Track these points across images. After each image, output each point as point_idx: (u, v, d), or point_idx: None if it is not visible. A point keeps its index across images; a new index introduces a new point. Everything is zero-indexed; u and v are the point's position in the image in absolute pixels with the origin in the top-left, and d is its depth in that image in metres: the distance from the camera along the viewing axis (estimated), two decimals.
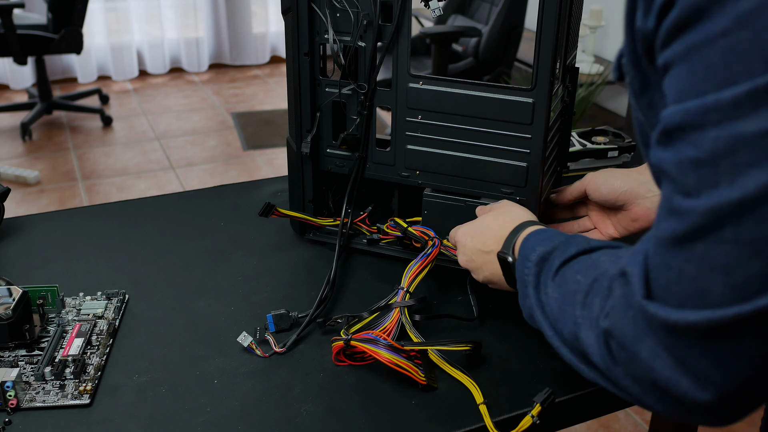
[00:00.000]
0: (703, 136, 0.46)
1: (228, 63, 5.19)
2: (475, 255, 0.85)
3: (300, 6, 0.94)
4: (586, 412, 0.84)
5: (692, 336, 0.49)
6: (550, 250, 0.71)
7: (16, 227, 1.11)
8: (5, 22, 3.55)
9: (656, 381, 0.53)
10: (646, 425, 2.02)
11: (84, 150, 3.77)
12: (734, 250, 0.46)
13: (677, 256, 0.49)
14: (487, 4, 3.50)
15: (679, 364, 0.51)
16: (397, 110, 0.97)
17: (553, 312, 0.67)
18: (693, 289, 0.48)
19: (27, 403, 0.76)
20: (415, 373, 0.77)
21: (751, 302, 0.46)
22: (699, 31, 0.46)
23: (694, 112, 0.47)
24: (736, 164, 0.45)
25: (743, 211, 0.45)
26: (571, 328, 0.63)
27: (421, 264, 0.90)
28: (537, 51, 0.86)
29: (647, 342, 0.52)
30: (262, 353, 0.84)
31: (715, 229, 0.47)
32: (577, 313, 0.62)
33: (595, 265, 0.63)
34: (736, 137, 0.45)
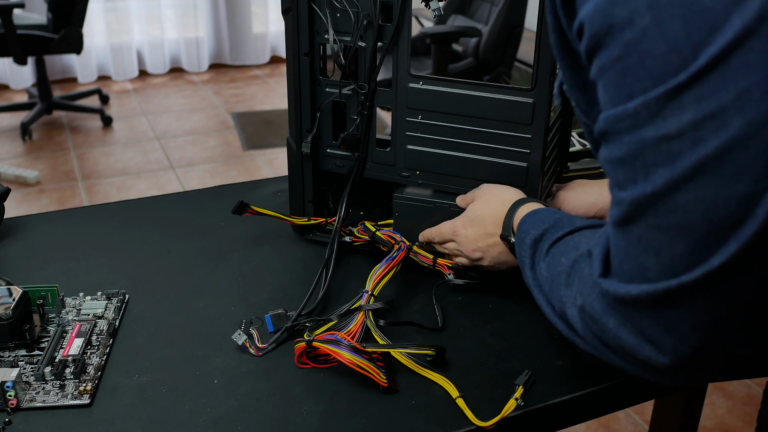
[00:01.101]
0: (620, 140, 0.55)
1: (228, 63, 5.19)
2: (480, 241, 0.89)
3: (300, 6, 0.94)
4: (586, 412, 0.84)
5: (640, 307, 0.58)
6: (541, 232, 0.76)
7: (16, 227, 1.11)
8: (5, 22, 3.55)
9: (624, 347, 0.61)
10: (646, 425, 2.02)
11: (84, 150, 3.77)
12: (658, 235, 0.55)
13: (622, 239, 0.58)
14: (487, 4, 3.50)
15: (639, 333, 0.59)
16: (397, 110, 0.97)
17: (546, 290, 0.72)
18: (636, 266, 0.57)
19: (27, 403, 0.76)
20: (376, 374, 0.77)
21: (679, 278, 0.54)
22: (602, 57, 0.55)
23: (611, 120, 0.55)
24: (646, 163, 0.53)
25: (657, 202, 0.54)
26: (560, 306, 0.69)
27: (386, 267, 0.90)
28: (537, 51, 0.86)
29: (613, 315, 0.60)
30: (256, 352, 0.84)
31: (641, 217, 0.55)
32: (563, 292, 0.68)
33: (576, 247, 0.70)
34: (641, 141, 0.53)
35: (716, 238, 0.52)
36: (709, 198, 0.51)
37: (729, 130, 0.49)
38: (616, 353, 0.63)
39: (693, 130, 0.50)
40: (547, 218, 0.78)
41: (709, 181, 0.51)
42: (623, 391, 0.84)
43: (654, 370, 0.60)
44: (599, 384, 0.81)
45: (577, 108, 0.68)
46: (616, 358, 0.63)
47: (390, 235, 0.97)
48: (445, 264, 0.96)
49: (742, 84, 0.48)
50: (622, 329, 0.60)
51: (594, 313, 0.62)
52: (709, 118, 0.50)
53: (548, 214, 0.79)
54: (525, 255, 0.78)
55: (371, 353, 0.79)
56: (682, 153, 0.51)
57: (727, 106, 0.49)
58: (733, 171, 0.50)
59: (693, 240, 0.53)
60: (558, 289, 0.69)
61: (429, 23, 3.85)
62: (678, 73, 0.50)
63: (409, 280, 0.99)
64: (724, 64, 0.49)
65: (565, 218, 0.76)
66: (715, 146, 0.50)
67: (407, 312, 0.93)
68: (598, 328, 0.62)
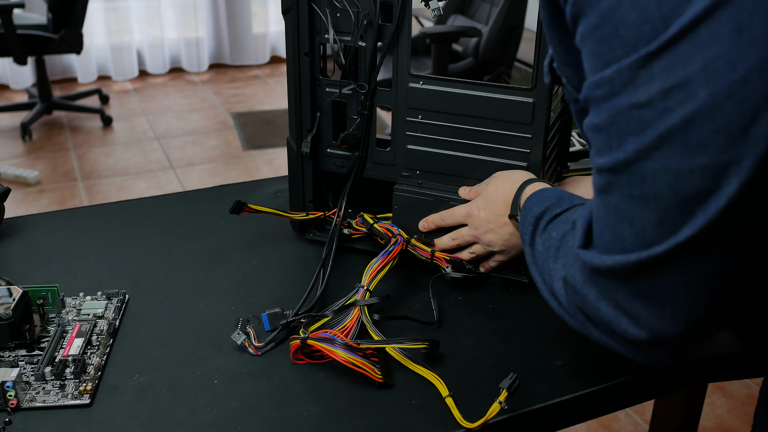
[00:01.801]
0: (598, 107, 0.56)
1: (228, 63, 5.19)
2: (492, 222, 0.91)
3: (300, 6, 0.94)
4: (586, 412, 0.84)
5: (616, 278, 0.58)
6: (543, 210, 0.77)
7: (16, 227, 1.11)
8: (5, 22, 3.55)
9: (603, 320, 0.61)
10: (646, 425, 2.02)
11: (84, 150, 3.77)
12: (631, 204, 0.55)
13: (602, 208, 0.58)
14: (487, 4, 3.50)
15: (616, 305, 0.59)
16: (397, 110, 0.97)
17: (540, 265, 0.73)
18: (613, 236, 0.57)
19: (27, 403, 0.76)
20: (371, 371, 0.77)
21: (651, 249, 0.55)
22: (583, 25, 0.56)
23: (591, 87, 0.56)
24: (620, 131, 0.54)
25: (629, 170, 0.54)
26: (549, 280, 0.70)
27: (382, 261, 0.90)
28: (537, 51, 0.86)
29: (592, 287, 0.61)
30: (255, 351, 0.84)
31: (616, 185, 0.56)
32: (551, 266, 0.70)
33: (567, 221, 0.71)
34: (616, 109, 0.54)
35: (684, 210, 0.53)
36: (675, 168, 0.52)
37: (695, 100, 0.50)
38: (598, 327, 0.63)
39: (661, 99, 0.51)
40: (551, 196, 0.79)
41: (675, 150, 0.52)
42: (623, 391, 0.84)
43: (632, 345, 0.61)
44: (599, 384, 0.81)
45: (567, 84, 0.68)
46: (597, 332, 0.64)
47: (388, 228, 0.97)
48: (443, 257, 0.96)
49: (709, 55, 0.49)
50: (602, 301, 0.60)
51: (575, 284, 0.63)
52: (677, 87, 0.50)
53: (552, 193, 0.80)
54: (526, 232, 0.79)
55: (365, 350, 0.79)
56: (651, 121, 0.52)
57: (694, 77, 0.50)
58: (698, 142, 0.50)
59: (662, 210, 0.54)
60: (548, 263, 0.70)
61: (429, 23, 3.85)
62: (649, 43, 0.51)
63: (407, 275, 0.99)
64: (692, 35, 0.49)
65: (566, 196, 0.78)
66: (681, 116, 0.51)
67: (404, 307, 0.93)
68: (579, 299, 0.63)
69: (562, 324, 0.90)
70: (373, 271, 0.89)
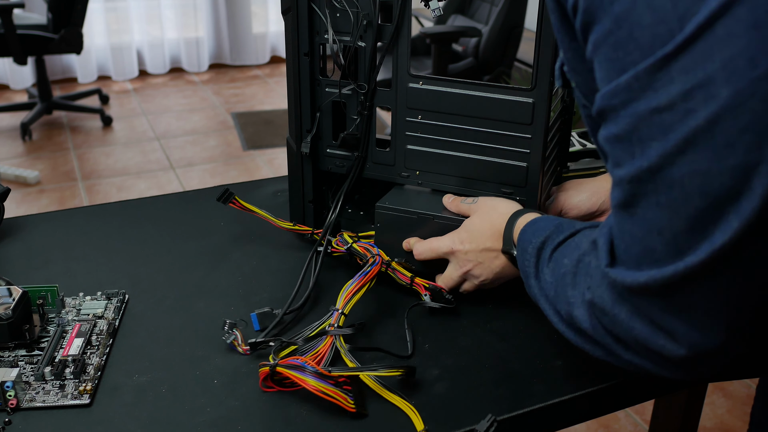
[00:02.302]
0: (616, 116, 0.55)
1: (228, 63, 5.19)
2: (480, 256, 0.87)
3: (300, 6, 0.94)
4: (586, 412, 0.84)
5: (650, 294, 0.56)
6: (543, 239, 0.75)
7: (16, 227, 1.11)
8: (5, 22, 3.55)
9: (637, 339, 0.59)
10: (646, 425, 2.02)
11: (84, 150, 3.77)
12: (659, 213, 0.54)
13: (627, 222, 0.57)
14: (487, 4, 3.50)
15: (651, 322, 0.57)
16: (397, 110, 0.97)
17: (551, 296, 0.71)
18: (641, 249, 0.56)
19: (27, 403, 0.76)
20: (344, 400, 0.74)
21: (685, 260, 0.53)
22: (595, 32, 0.55)
23: (607, 97, 0.55)
24: (641, 138, 0.53)
25: (654, 177, 0.53)
26: (566, 309, 0.67)
27: (358, 283, 0.86)
28: (537, 51, 0.86)
29: (623, 305, 0.59)
30: (245, 351, 0.84)
31: (642, 195, 0.54)
32: (569, 293, 0.66)
33: (578, 247, 0.69)
34: (635, 115, 0.53)
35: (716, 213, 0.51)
36: (703, 170, 0.50)
37: (717, 100, 0.49)
38: (630, 348, 0.61)
39: (683, 101, 0.50)
40: (548, 225, 0.77)
41: (702, 153, 0.50)
42: (623, 391, 0.84)
43: (671, 363, 0.58)
44: (599, 384, 0.81)
45: (576, 90, 0.67)
46: (629, 355, 0.61)
47: (367, 247, 0.93)
48: (423, 284, 0.92)
49: (728, 53, 0.48)
50: (635, 319, 0.58)
51: (604, 305, 0.60)
52: (697, 88, 0.49)
53: (548, 222, 0.78)
54: (528, 264, 0.76)
55: (338, 378, 0.75)
56: (674, 125, 0.51)
57: (714, 76, 0.48)
58: (725, 142, 0.49)
59: (693, 216, 0.52)
60: (564, 291, 0.68)
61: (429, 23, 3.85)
62: (665, 44, 0.50)
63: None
64: (708, 34, 0.48)
65: (565, 223, 0.76)
66: (705, 117, 0.49)
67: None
68: (609, 320, 0.60)
69: None
70: (349, 294, 0.85)
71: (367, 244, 0.94)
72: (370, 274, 0.87)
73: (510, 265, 0.85)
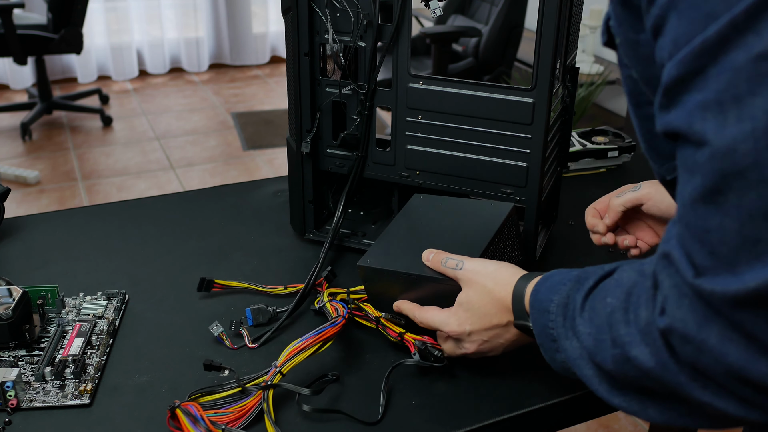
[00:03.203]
0: (704, 78, 0.46)
1: (228, 63, 5.19)
2: (487, 335, 0.77)
3: (300, 6, 0.94)
4: (586, 412, 0.84)
5: (755, 304, 0.45)
6: (565, 294, 0.66)
7: (16, 227, 1.11)
8: (5, 22, 3.55)
9: (731, 368, 0.48)
10: (646, 425, 2.02)
11: (84, 150, 3.77)
12: (765, 190, 0.44)
13: (714, 214, 0.46)
14: (487, 4, 3.49)
15: (752, 343, 0.46)
16: (397, 110, 0.97)
17: (589, 349, 0.61)
18: (740, 242, 0.45)
19: (27, 403, 0.76)
20: None
21: None
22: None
23: (689, 60, 0.46)
24: (739, 96, 0.44)
25: (757, 147, 0.43)
26: (616, 354, 0.57)
27: (307, 341, 0.76)
28: (537, 51, 0.86)
29: (713, 326, 0.48)
30: (231, 345, 0.85)
31: (738, 171, 0.44)
32: (622, 332, 0.56)
33: (620, 283, 0.59)
34: (732, 69, 0.44)
35: None
36: None
37: None
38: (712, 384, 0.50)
39: None
40: (565, 278, 0.68)
41: None
42: None
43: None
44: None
45: (620, 48, 0.58)
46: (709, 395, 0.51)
47: (337, 307, 0.83)
48: (412, 340, 0.82)
49: None
50: (728, 343, 0.47)
51: (687, 330, 0.49)
52: None
53: (564, 274, 0.68)
54: (555, 326, 0.66)
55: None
56: None
57: None
58: None
59: None
60: (610, 334, 0.57)
61: (429, 23, 3.85)
62: None
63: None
64: None
65: (588, 270, 0.66)
66: None
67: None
68: (692, 349, 0.49)
69: None
70: (292, 352, 0.75)
71: (339, 304, 0.84)
72: (324, 334, 0.77)
73: (523, 336, 0.75)
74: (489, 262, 0.79)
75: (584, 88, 3.26)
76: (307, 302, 0.93)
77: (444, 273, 0.80)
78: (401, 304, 0.83)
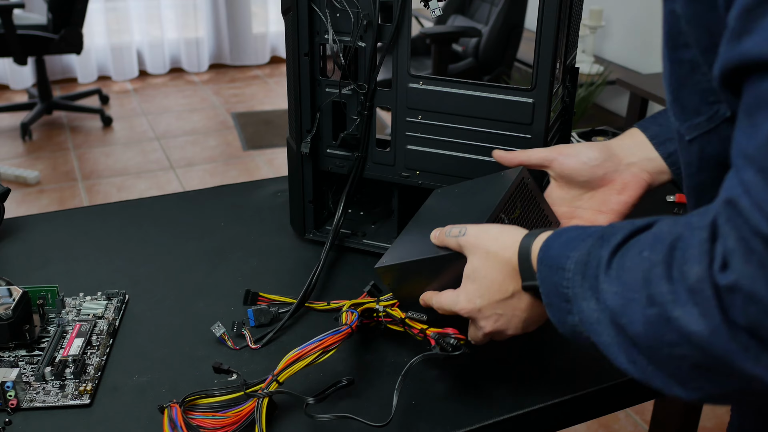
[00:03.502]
0: None
1: (228, 63, 5.19)
2: (498, 307, 0.71)
3: (300, 6, 0.94)
4: (586, 412, 0.84)
5: None
6: (586, 251, 0.59)
7: (16, 227, 1.11)
8: (5, 22, 3.55)
9: None
10: (646, 425, 2.02)
11: (84, 150, 3.77)
12: None
13: None
14: (487, 4, 3.50)
15: None
16: (397, 110, 0.97)
17: (613, 309, 0.54)
18: None
19: (27, 403, 0.76)
20: None
21: None
22: None
23: None
24: None
25: None
26: (651, 315, 0.50)
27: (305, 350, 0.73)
28: (537, 51, 0.86)
29: None
30: (233, 345, 0.85)
31: None
32: (663, 289, 0.49)
33: (659, 237, 0.52)
34: None
35: None
36: None
37: None
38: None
39: None
40: (582, 234, 0.61)
41: None
42: (623, 391, 0.84)
43: None
44: (599, 384, 0.81)
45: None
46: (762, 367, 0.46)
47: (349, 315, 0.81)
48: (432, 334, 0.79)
49: None
50: None
51: (756, 288, 0.44)
52: None
53: (579, 231, 0.62)
54: (571, 285, 0.59)
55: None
56: None
57: None
58: None
59: None
60: (657, 285, 0.50)
61: (429, 23, 3.85)
62: None
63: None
64: None
65: (609, 226, 0.60)
66: None
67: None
68: (758, 311, 0.44)
69: None
70: (291, 359, 0.73)
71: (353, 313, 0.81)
72: (325, 342, 0.74)
73: (538, 304, 0.68)
74: (493, 225, 0.73)
75: (584, 88, 3.26)
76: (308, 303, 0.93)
77: (448, 246, 0.75)
78: (424, 297, 0.78)
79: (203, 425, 0.71)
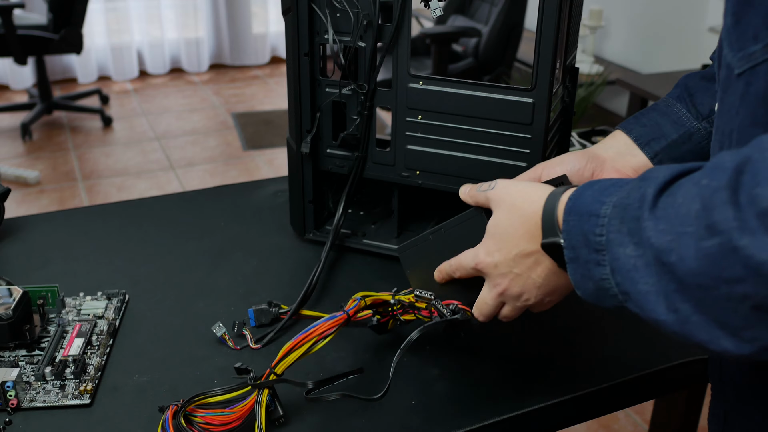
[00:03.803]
0: None
1: (228, 63, 5.19)
2: (514, 265, 0.66)
3: (300, 6, 0.94)
4: (586, 412, 0.84)
5: None
6: (625, 193, 0.54)
7: (16, 227, 1.11)
8: (5, 22, 3.55)
9: None
10: (646, 425, 2.02)
11: (84, 150, 3.77)
12: None
13: None
14: (487, 4, 3.50)
15: None
16: (397, 110, 0.97)
17: (660, 248, 0.48)
18: None
19: (27, 403, 0.76)
20: None
21: None
22: None
23: None
24: None
25: None
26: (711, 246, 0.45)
27: (300, 337, 0.72)
28: (537, 51, 0.86)
29: None
30: (234, 345, 0.85)
31: None
32: (729, 215, 0.44)
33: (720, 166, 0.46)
34: None
35: None
36: None
37: None
38: None
39: None
40: (619, 181, 0.57)
41: None
42: (623, 391, 0.84)
43: None
44: (599, 384, 0.81)
45: None
46: None
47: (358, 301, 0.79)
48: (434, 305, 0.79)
49: None
50: None
51: None
52: None
53: (614, 180, 0.58)
54: (608, 230, 0.54)
55: None
56: None
57: None
58: None
59: None
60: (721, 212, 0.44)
61: (429, 23, 3.85)
62: None
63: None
64: None
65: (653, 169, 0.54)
66: None
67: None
68: None
69: (562, 323, 0.91)
70: (286, 350, 0.72)
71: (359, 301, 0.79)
72: (317, 329, 0.73)
73: (558, 272, 0.64)
74: (523, 181, 0.69)
75: (584, 88, 3.26)
76: (308, 303, 0.93)
77: (478, 201, 0.72)
78: (442, 266, 0.75)
79: (211, 422, 0.71)
